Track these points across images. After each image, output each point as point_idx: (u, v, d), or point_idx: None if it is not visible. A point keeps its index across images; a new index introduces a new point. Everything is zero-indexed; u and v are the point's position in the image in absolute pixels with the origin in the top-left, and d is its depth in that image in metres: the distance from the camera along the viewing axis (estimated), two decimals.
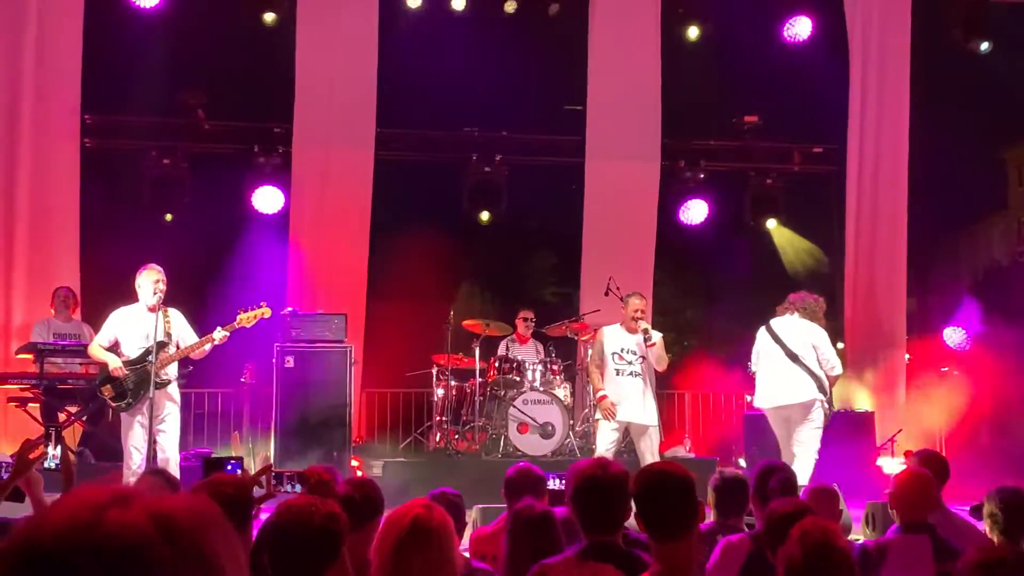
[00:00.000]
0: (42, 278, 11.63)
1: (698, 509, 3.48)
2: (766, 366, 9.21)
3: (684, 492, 3.45)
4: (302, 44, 12.57)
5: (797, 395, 8.96)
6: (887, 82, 13.56)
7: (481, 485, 8.64)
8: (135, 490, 1.19)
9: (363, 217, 12.82)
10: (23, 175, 11.80)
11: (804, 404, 8.94)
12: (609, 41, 13.28)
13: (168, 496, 1.20)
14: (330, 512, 3.32)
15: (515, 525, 4.17)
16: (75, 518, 1.13)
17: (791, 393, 8.98)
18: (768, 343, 9.19)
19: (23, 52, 11.81)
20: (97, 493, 1.17)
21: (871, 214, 13.57)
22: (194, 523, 1.17)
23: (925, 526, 4.85)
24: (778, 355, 9.07)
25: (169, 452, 8.47)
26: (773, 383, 9.13)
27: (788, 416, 9.03)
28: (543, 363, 11.73)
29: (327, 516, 3.29)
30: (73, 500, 1.17)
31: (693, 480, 3.51)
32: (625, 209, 13.31)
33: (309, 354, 10.98)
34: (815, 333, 9.12)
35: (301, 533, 3.23)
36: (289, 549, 3.24)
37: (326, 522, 3.26)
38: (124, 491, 1.17)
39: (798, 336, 9.08)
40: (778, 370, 9.06)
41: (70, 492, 1.20)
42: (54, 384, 10.36)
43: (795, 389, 8.96)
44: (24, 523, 1.16)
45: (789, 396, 8.99)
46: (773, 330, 9.23)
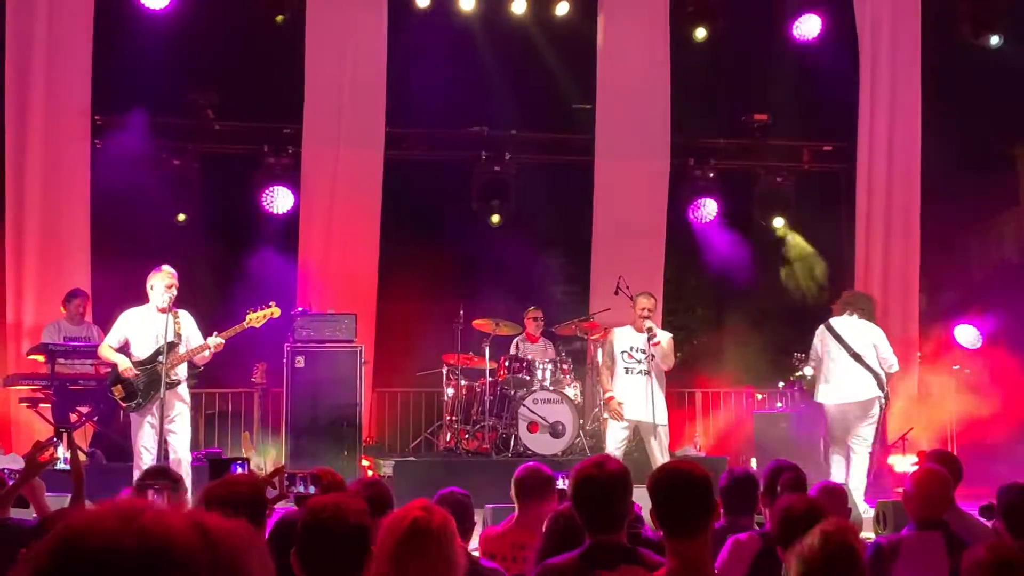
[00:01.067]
0: (53, 279, 11.67)
1: (715, 507, 3.48)
2: (829, 365, 9.56)
3: (702, 490, 3.44)
4: (311, 44, 12.59)
5: (860, 393, 9.39)
6: (898, 79, 13.52)
7: (491, 484, 8.61)
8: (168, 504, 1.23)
9: (373, 216, 12.83)
10: (34, 175, 11.83)
11: (866, 402, 9.40)
12: (618, 39, 13.27)
13: (205, 513, 1.23)
14: (361, 508, 3.35)
15: (555, 526, 4.16)
16: (118, 519, 1.15)
17: (855, 391, 9.41)
18: (830, 342, 9.55)
19: (33, 53, 11.85)
20: (136, 501, 1.21)
21: (882, 212, 13.52)
22: (232, 536, 1.20)
23: (939, 523, 4.84)
24: (841, 354, 9.46)
25: (181, 452, 8.50)
26: (837, 381, 9.51)
27: (849, 412, 9.43)
28: (553, 362, 11.73)
29: (359, 512, 3.31)
30: (114, 505, 1.19)
31: (710, 478, 3.51)
32: (635, 208, 13.29)
33: (319, 354, 10.99)
34: (875, 332, 9.57)
35: (340, 530, 3.24)
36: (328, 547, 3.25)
37: (360, 518, 3.28)
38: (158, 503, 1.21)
39: (859, 335, 9.48)
40: (842, 369, 9.45)
41: (106, 500, 1.22)
42: (65, 385, 10.39)
43: (858, 387, 9.39)
44: (65, 523, 1.18)
45: (853, 394, 9.42)
46: (834, 329, 9.58)
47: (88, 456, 10.29)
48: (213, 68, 12.94)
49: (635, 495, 3.78)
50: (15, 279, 11.76)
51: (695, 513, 3.41)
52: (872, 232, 13.56)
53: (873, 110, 13.57)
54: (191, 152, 12.94)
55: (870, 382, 9.42)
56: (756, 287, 14.05)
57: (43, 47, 11.85)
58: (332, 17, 12.58)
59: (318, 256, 12.70)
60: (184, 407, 8.64)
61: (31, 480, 5.19)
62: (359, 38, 12.68)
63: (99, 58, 12.03)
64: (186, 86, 13.02)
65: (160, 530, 1.15)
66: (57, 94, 11.96)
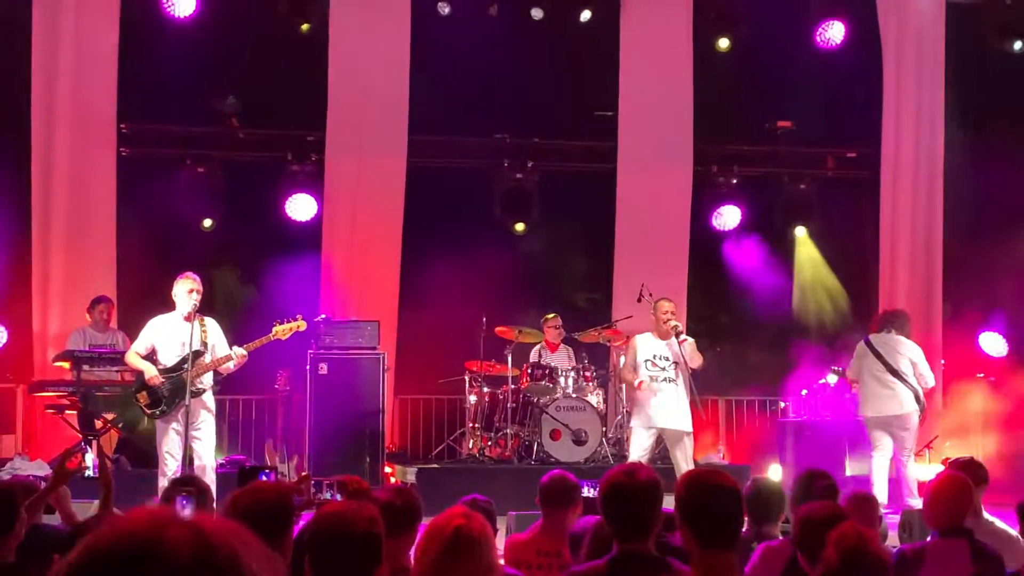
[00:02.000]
0: (78, 286, 11.74)
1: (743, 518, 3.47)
2: (868, 380, 10.15)
3: (732, 500, 3.43)
4: (335, 52, 12.63)
5: (899, 407, 9.99)
6: (922, 85, 13.47)
7: (514, 492, 8.63)
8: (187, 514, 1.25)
9: (395, 224, 12.86)
10: (60, 184, 11.92)
11: (904, 415, 9.98)
12: (640, 46, 13.25)
13: (214, 520, 1.25)
14: (371, 516, 3.35)
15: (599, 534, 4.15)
16: (152, 526, 1.16)
17: (895, 405, 10.00)
18: (869, 359, 10.12)
19: (60, 62, 11.93)
20: (158, 511, 1.23)
21: (907, 218, 13.47)
22: (242, 545, 1.21)
23: (962, 531, 4.81)
24: (880, 370, 10.04)
25: (205, 459, 8.53)
26: (877, 395, 10.11)
27: (889, 424, 10.03)
28: (576, 370, 11.71)
29: (369, 520, 3.31)
30: (135, 517, 1.22)
31: (739, 488, 3.49)
32: (657, 215, 13.27)
33: (342, 361, 11.02)
34: (912, 349, 10.17)
35: (347, 538, 3.25)
36: (335, 555, 3.26)
37: (369, 526, 3.29)
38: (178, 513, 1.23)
39: (898, 352, 10.08)
40: (881, 384, 10.05)
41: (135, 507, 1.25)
42: (91, 391, 10.44)
43: (898, 402, 9.99)
44: (97, 531, 1.20)
45: (893, 408, 10.01)
46: (873, 346, 10.14)
47: (113, 462, 10.34)
48: (237, 76, 13.00)
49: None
50: (41, 286, 11.84)
51: (725, 524, 3.39)
52: (896, 239, 13.50)
53: (898, 116, 13.52)
54: (215, 160, 13.00)
55: (908, 396, 9.98)
56: (779, 294, 14.00)
57: (69, 56, 11.94)
58: (355, 25, 12.62)
59: (341, 263, 12.73)
60: (209, 415, 8.67)
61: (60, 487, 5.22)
62: (382, 46, 12.71)
63: (125, 66, 12.11)
64: (210, 94, 13.08)
65: (197, 538, 1.16)
66: (83, 102, 12.04)
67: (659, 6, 13.27)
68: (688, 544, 3.45)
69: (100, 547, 1.17)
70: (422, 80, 12.78)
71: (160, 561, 1.14)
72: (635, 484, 3.62)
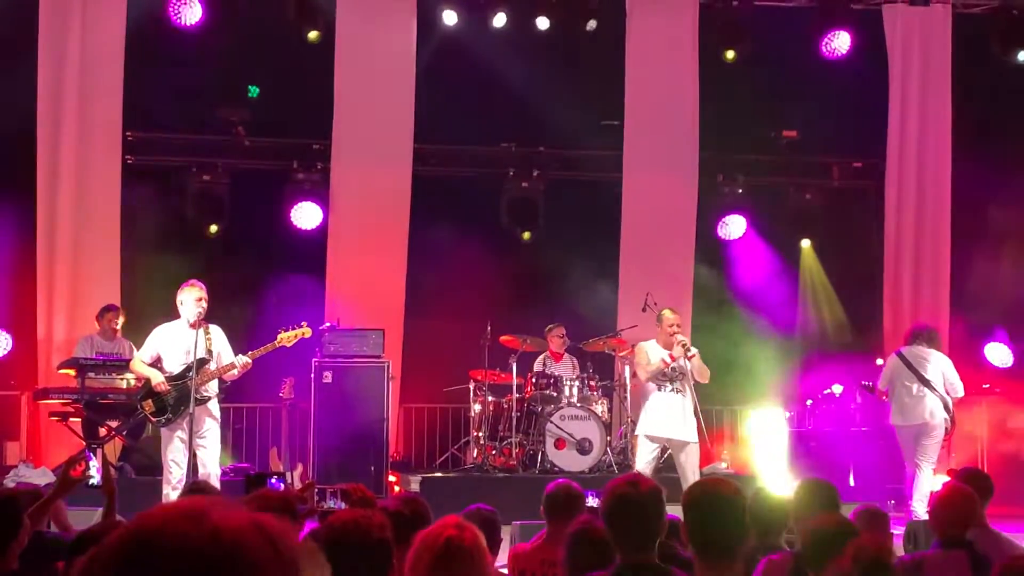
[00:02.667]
0: (84, 294, 11.77)
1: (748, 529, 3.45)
2: (899, 389, 10.46)
3: (737, 511, 3.42)
4: (341, 61, 12.65)
5: (927, 416, 10.27)
6: (928, 95, 13.47)
7: (519, 501, 8.62)
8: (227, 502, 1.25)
9: (401, 232, 12.87)
10: (66, 191, 11.94)
11: (932, 424, 10.26)
12: (646, 55, 13.26)
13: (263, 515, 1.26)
14: (383, 523, 3.35)
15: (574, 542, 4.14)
16: (183, 515, 1.17)
17: (923, 414, 10.29)
18: (901, 370, 10.48)
19: (66, 70, 11.96)
20: (196, 500, 1.23)
21: (912, 228, 13.45)
22: (290, 538, 1.24)
23: (963, 542, 4.80)
24: (910, 380, 10.39)
25: (210, 467, 8.53)
26: (906, 404, 10.43)
27: (918, 433, 10.30)
28: (580, 379, 11.70)
29: (381, 527, 3.31)
30: (176, 503, 1.23)
31: (744, 498, 3.48)
32: (663, 224, 13.27)
33: (347, 369, 11.03)
34: (943, 361, 10.53)
35: (361, 545, 3.24)
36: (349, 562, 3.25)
37: (381, 533, 3.28)
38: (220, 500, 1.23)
39: (928, 363, 10.41)
40: (910, 393, 10.39)
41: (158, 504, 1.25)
42: (95, 399, 10.45)
43: (928, 411, 10.28)
44: (135, 523, 1.20)
45: (922, 417, 10.29)
46: (905, 358, 10.51)
47: (117, 470, 10.34)
48: (243, 84, 13.02)
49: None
50: (46, 294, 11.85)
51: (731, 534, 3.38)
52: (901, 249, 13.49)
53: (903, 126, 13.52)
54: (221, 168, 13.02)
55: (937, 405, 10.29)
56: (785, 304, 13.99)
57: (76, 63, 11.96)
58: (361, 34, 12.65)
59: (346, 272, 12.74)
60: (214, 423, 8.67)
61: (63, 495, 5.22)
62: (388, 55, 12.73)
63: (131, 74, 12.13)
64: (216, 102, 13.11)
65: (230, 530, 1.17)
66: (89, 110, 12.06)
67: (665, 15, 13.26)
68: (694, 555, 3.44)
69: (137, 542, 1.17)
70: (428, 89, 12.80)
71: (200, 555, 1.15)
72: (638, 494, 3.60)
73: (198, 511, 1.19)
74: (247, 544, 1.17)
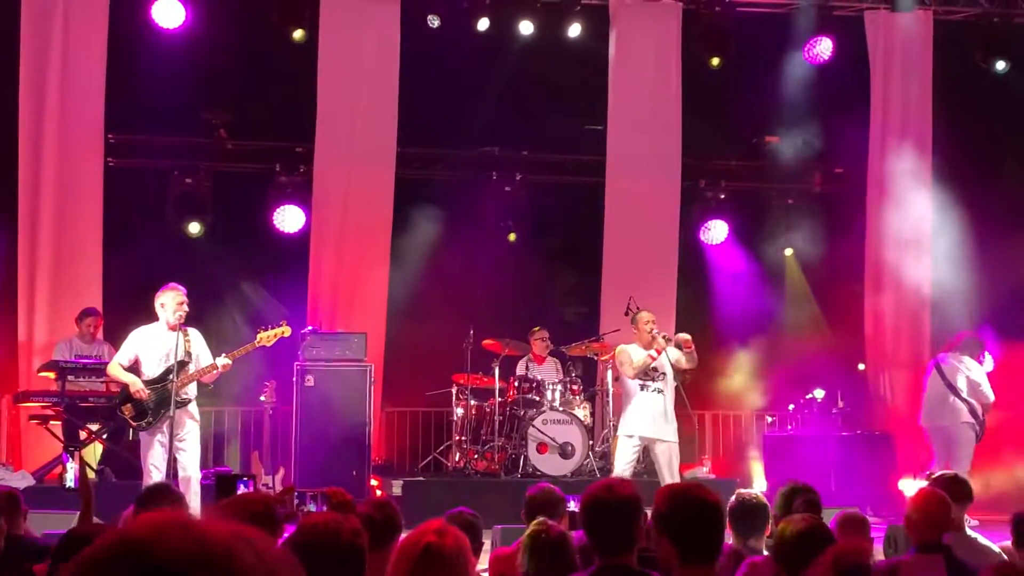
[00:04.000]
0: (65, 297, 11.71)
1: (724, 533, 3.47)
2: (930, 393, 11.25)
3: (715, 514, 3.43)
4: (324, 64, 12.63)
5: (949, 419, 10.97)
6: (909, 102, 13.52)
7: (501, 505, 8.61)
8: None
9: (384, 236, 12.85)
10: (47, 193, 11.88)
11: (954, 427, 10.94)
12: (629, 60, 13.28)
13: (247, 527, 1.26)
14: (355, 528, 3.34)
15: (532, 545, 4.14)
16: (167, 524, 1.18)
17: (946, 416, 11.00)
18: (934, 374, 11.23)
19: (48, 72, 11.91)
20: (181, 513, 1.25)
21: (894, 233, 13.49)
22: (272, 546, 1.24)
23: (940, 546, 4.81)
24: (939, 384, 11.11)
25: (190, 470, 8.50)
26: (932, 407, 11.20)
27: (945, 437, 11.02)
28: (563, 383, 11.71)
29: (353, 532, 3.30)
30: (159, 513, 1.23)
31: (721, 503, 3.50)
32: (646, 228, 13.29)
33: (329, 373, 11.00)
34: (974, 368, 11.15)
35: (332, 550, 3.23)
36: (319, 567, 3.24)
37: (353, 538, 3.27)
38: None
39: (959, 369, 11.06)
40: (937, 396, 11.14)
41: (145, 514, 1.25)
42: (75, 402, 10.41)
43: (950, 413, 10.98)
44: (124, 530, 1.20)
45: (944, 419, 11.02)
46: (940, 365, 11.22)
47: (97, 474, 10.30)
48: (226, 87, 12.99)
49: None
50: (27, 297, 11.79)
51: (707, 538, 3.39)
52: (883, 254, 13.53)
53: (884, 132, 13.58)
54: (203, 171, 12.97)
55: (961, 410, 10.96)
56: (767, 308, 14.03)
57: (58, 65, 11.91)
58: (345, 37, 12.63)
59: (329, 275, 12.71)
60: (194, 425, 8.65)
61: None
62: (372, 58, 12.71)
63: (113, 76, 12.08)
64: (199, 105, 13.07)
65: (219, 539, 1.17)
66: (71, 112, 12.00)
67: (648, 21, 13.30)
68: (668, 558, 3.45)
69: (125, 549, 1.17)
70: (411, 92, 12.79)
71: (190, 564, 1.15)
72: (616, 498, 3.62)
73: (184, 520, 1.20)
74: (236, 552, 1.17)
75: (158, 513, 1.22)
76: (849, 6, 13.56)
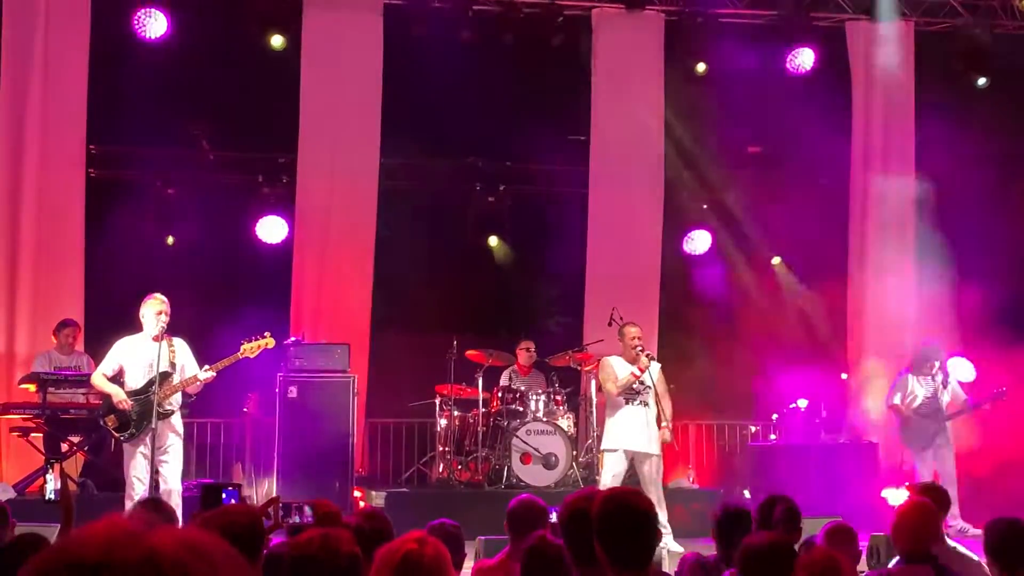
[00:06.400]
0: (46, 307, 11.63)
1: (656, 541, 3.50)
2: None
3: (647, 520, 3.45)
4: (306, 74, 12.61)
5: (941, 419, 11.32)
6: (891, 113, 13.59)
7: (485, 516, 8.58)
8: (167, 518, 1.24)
9: (367, 247, 12.82)
10: (29, 204, 11.82)
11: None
12: (612, 71, 13.31)
13: (190, 529, 1.24)
14: (351, 539, 3.34)
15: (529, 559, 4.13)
16: (119, 535, 1.15)
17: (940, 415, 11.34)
18: (938, 377, 11.58)
19: (29, 82, 11.86)
20: (129, 520, 1.21)
21: (877, 245, 13.54)
22: (227, 556, 1.21)
23: (928, 556, 4.81)
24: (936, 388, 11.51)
25: (172, 483, 8.46)
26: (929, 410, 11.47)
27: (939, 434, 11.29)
28: (546, 393, 11.70)
29: (350, 543, 3.29)
30: (111, 522, 1.20)
31: (653, 512, 3.51)
32: (629, 239, 13.29)
33: (312, 384, 10.97)
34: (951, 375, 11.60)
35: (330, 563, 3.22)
36: None
37: (351, 549, 3.26)
38: (152, 522, 1.21)
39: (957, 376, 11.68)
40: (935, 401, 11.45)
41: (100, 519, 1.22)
42: (56, 414, 10.34)
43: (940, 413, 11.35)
44: (63, 538, 1.18)
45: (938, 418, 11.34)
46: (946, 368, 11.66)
47: (79, 486, 10.23)
48: (208, 98, 12.96)
49: None
50: (7, 308, 11.71)
51: (642, 544, 3.41)
52: (866, 263, 13.57)
53: (867, 142, 13.64)
54: (186, 181, 12.93)
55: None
56: (751, 319, 14.05)
57: (39, 76, 11.86)
58: (328, 47, 12.61)
59: (312, 286, 12.68)
60: (177, 438, 8.61)
61: None
62: (355, 68, 12.70)
63: (95, 87, 12.04)
64: (181, 116, 13.04)
65: (167, 552, 1.15)
66: (52, 123, 11.95)
67: (631, 32, 13.32)
68: (602, 562, 3.47)
69: (74, 547, 1.15)
70: (394, 103, 12.78)
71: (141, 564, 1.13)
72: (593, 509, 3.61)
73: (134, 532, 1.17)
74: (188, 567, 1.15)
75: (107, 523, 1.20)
76: (830, 16, 13.62)
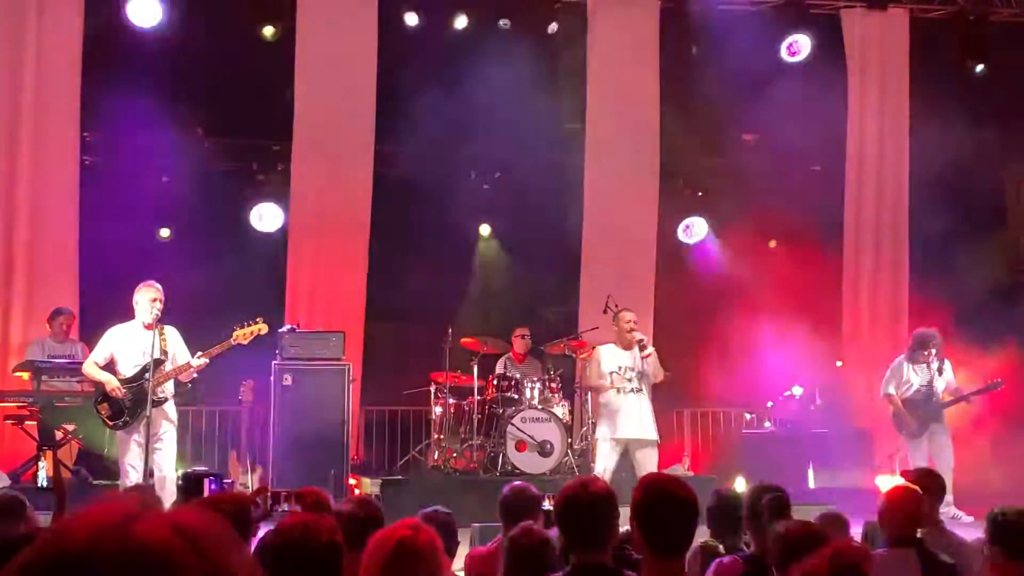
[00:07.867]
0: (40, 295, 11.62)
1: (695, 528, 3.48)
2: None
3: (688, 507, 3.44)
4: (301, 62, 12.58)
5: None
6: (886, 100, 13.58)
7: (480, 504, 8.58)
8: (152, 505, 1.22)
9: (362, 234, 12.80)
10: (22, 192, 11.79)
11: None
12: (608, 58, 13.29)
13: (185, 510, 1.22)
14: (332, 527, 3.34)
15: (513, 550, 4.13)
16: (103, 526, 1.14)
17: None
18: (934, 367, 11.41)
19: (23, 70, 11.82)
20: (119, 505, 1.19)
21: (871, 233, 13.55)
22: (215, 536, 1.19)
23: (912, 540, 4.82)
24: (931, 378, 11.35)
25: (166, 470, 8.45)
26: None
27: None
28: (541, 381, 11.70)
29: (330, 531, 3.30)
30: (97, 511, 1.18)
31: (696, 499, 3.50)
32: (625, 227, 13.28)
33: (307, 372, 10.95)
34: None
35: (309, 550, 3.22)
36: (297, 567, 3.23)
37: (331, 537, 3.27)
38: (143, 504, 1.19)
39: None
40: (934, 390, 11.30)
41: (87, 506, 1.21)
42: (51, 402, 10.33)
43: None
44: (50, 530, 1.17)
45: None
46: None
47: (73, 474, 10.23)
48: (202, 85, 12.93)
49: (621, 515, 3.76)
50: (2, 296, 11.69)
51: (681, 532, 3.41)
52: (860, 252, 13.58)
53: (862, 130, 13.63)
54: (180, 169, 12.90)
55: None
56: (747, 306, 14.04)
57: (33, 64, 11.82)
58: (322, 35, 12.57)
59: (307, 274, 12.67)
60: (171, 425, 8.60)
61: None
62: (349, 56, 12.67)
63: (88, 75, 12.00)
64: (175, 103, 13.00)
65: (154, 540, 1.14)
66: (46, 111, 11.91)
67: (626, 19, 13.29)
68: (639, 547, 3.46)
69: (61, 540, 1.15)
70: (389, 90, 12.75)
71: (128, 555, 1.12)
72: (590, 496, 3.62)
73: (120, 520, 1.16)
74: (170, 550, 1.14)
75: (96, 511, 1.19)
76: (826, 4, 13.60)
